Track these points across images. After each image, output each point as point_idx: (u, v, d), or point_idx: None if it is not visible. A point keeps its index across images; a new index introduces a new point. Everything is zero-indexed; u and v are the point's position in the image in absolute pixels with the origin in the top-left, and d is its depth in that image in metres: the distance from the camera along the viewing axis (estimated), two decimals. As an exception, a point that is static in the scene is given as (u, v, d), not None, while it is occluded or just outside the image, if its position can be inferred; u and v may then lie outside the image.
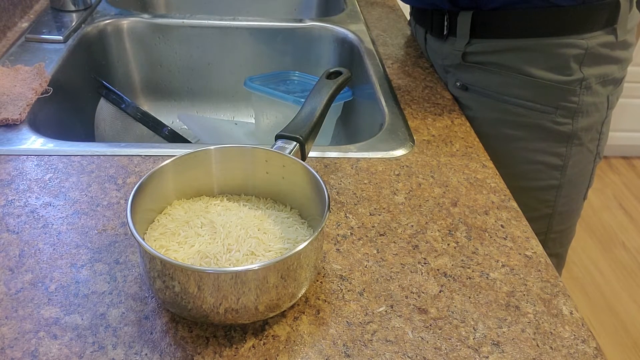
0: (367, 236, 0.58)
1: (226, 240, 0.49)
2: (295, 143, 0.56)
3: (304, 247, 0.43)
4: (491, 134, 0.81)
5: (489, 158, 0.72)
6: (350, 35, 1.05)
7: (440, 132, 0.76)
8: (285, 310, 0.48)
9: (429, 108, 0.82)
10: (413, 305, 0.50)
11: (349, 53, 1.05)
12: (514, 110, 0.83)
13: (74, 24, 0.97)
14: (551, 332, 0.49)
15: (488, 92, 0.84)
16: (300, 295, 0.48)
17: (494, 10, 0.80)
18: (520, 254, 0.57)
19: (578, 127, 0.83)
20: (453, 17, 0.84)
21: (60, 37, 0.92)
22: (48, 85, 0.78)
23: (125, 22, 1.04)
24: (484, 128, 0.81)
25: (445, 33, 0.87)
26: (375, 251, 0.56)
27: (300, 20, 1.09)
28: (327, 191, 0.49)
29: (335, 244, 0.56)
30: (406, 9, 1.19)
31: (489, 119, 0.83)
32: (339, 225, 0.59)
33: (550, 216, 0.89)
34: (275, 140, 0.57)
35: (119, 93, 0.86)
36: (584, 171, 0.89)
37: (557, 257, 0.96)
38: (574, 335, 0.49)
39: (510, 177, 0.71)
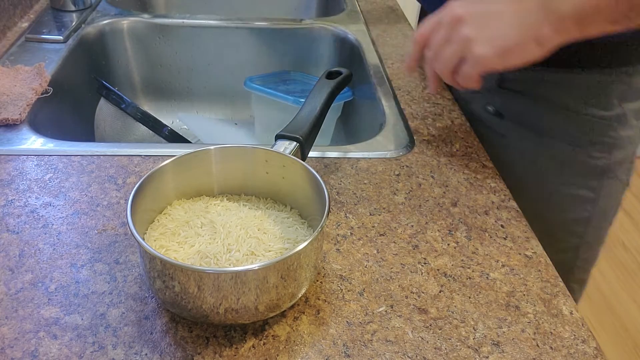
0: (367, 236, 0.58)
1: (226, 240, 0.49)
2: (295, 143, 0.56)
3: (304, 247, 0.43)
4: (523, 164, 0.78)
5: (488, 158, 0.72)
6: (350, 35, 1.05)
7: (440, 132, 0.76)
8: (285, 310, 0.48)
9: (429, 108, 0.82)
10: (413, 305, 0.50)
11: (349, 53, 1.04)
12: (549, 142, 0.78)
13: (74, 24, 0.97)
14: (551, 332, 0.49)
15: (524, 122, 0.79)
16: (300, 295, 0.48)
17: None
18: (520, 254, 0.57)
19: (613, 160, 0.79)
20: None
21: (60, 37, 0.92)
22: (48, 85, 0.78)
23: (125, 22, 1.04)
24: (516, 156, 0.78)
25: None
26: (375, 251, 0.56)
27: (300, 20, 1.09)
28: (327, 191, 0.49)
29: (335, 244, 0.56)
30: (406, 9, 1.19)
31: (521, 149, 0.79)
32: (339, 225, 0.59)
33: (578, 247, 0.86)
34: (275, 140, 0.57)
35: (119, 93, 0.86)
36: (615, 202, 0.86)
37: (580, 282, 0.93)
38: (574, 335, 0.49)
39: (539, 208, 0.67)
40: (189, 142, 0.93)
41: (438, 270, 0.54)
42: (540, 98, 0.77)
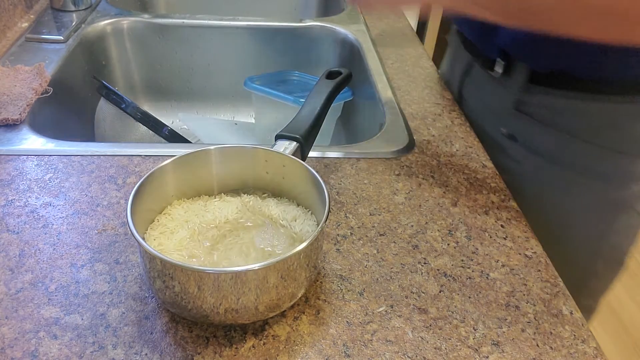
0: (367, 236, 0.58)
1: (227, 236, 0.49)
2: (295, 143, 0.56)
3: (304, 247, 0.44)
4: (533, 193, 0.75)
5: (488, 158, 0.72)
6: (350, 35, 1.05)
7: (440, 132, 0.76)
8: (285, 310, 0.48)
9: (429, 108, 0.82)
10: (413, 305, 0.50)
11: (349, 53, 1.05)
12: (562, 171, 0.74)
13: (74, 24, 0.97)
14: (551, 332, 0.49)
15: (538, 149, 0.75)
16: (300, 295, 0.48)
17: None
18: (520, 254, 0.57)
19: (629, 193, 0.75)
20: (510, 61, 0.73)
21: (60, 37, 0.92)
22: (48, 85, 0.78)
23: (125, 22, 1.04)
24: (527, 184, 0.75)
25: (500, 71, 0.74)
26: (375, 251, 0.56)
27: (300, 20, 1.09)
28: (327, 191, 0.49)
29: (335, 244, 0.56)
30: (406, 9, 1.18)
31: (533, 177, 0.75)
32: (339, 225, 0.59)
33: (584, 278, 0.83)
34: (275, 140, 0.57)
35: (119, 93, 0.86)
36: (630, 234, 0.81)
37: (587, 309, 0.90)
38: (574, 335, 0.49)
39: (546, 240, 0.63)
40: (189, 142, 0.94)
41: (438, 270, 0.54)
42: (558, 125, 0.72)
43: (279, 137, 0.57)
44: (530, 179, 0.75)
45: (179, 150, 0.65)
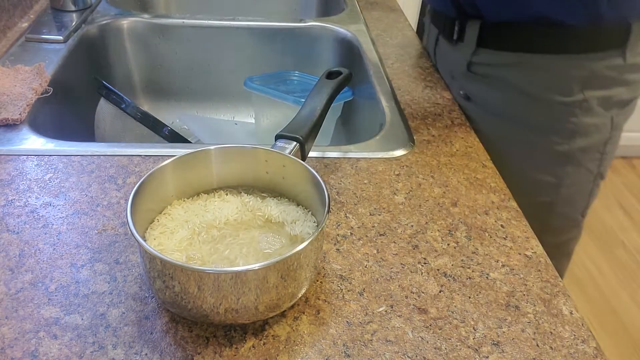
0: (367, 236, 0.58)
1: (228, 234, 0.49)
2: (295, 143, 0.56)
3: (304, 247, 0.44)
4: (487, 148, 0.80)
5: (489, 158, 0.72)
6: (350, 35, 1.04)
7: (440, 132, 0.76)
8: (285, 310, 0.48)
9: (429, 108, 0.82)
10: (413, 305, 0.50)
11: (349, 53, 1.04)
12: (511, 127, 0.83)
13: (74, 24, 0.97)
14: (551, 332, 0.49)
15: (488, 107, 0.84)
16: (300, 295, 0.48)
17: (502, 23, 0.80)
18: (520, 254, 0.57)
19: (575, 147, 0.82)
20: (463, 24, 0.84)
21: (60, 37, 0.92)
22: (48, 85, 0.78)
23: (125, 22, 1.04)
24: (482, 141, 0.80)
25: (454, 38, 0.86)
26: (375, 251, 0.56)
27: (300, 20, 1.09)
28: (327, 191, 0.49)
29: (335, 244, 0.56)
30: (406, 9, 1.19)
31: (486, 133, 0.81)
32: (339, 225, 0.59)
33: (541, 232, 0.87)
34: (275, 140, 0.57)
35: (119, 93, 0.86)
36: (582, 190, 0.88)
37: None
38: (574, 335, 0.49)
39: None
40: (189, 142, 0.93)
41: (438, 270, 0.54)
42: (503, 83, 0.81)
43: (279, 137, 0.57)
44: (485, 137, 0.80)
45: (179, 150, 0.65)
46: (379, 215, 0.60)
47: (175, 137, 0.86)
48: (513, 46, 0.80)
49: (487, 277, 0.54)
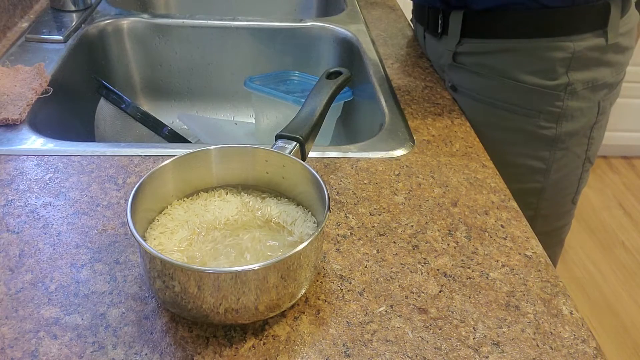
0: (367, 236, 0.58)
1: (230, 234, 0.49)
2: (295, 143, 0.56)
3: (304, 247, 0.44)
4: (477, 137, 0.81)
5: (488, 158, 0.72)
6: (350, 35, 1.05)
7: (440, 132, 0.76)
8: (285, 310, 0.48)
9: (429, 108, 0.82)
10: (413, 305, 0.50)
11: (349, 53, 1.04)
12: (498, 113, 0.84)
13: (74, 24, 0.97)
14: (551, 332, 0.49)
15: (474, 95, 0.85)
16: (300, 295, 0.48)
17: (484, 11, 0.81)
18: (520, 254, 0.57)
19: (562, 131, 0.83)
20: (447, 16, 0.86)
21: (60, 37, 0.92)
22: (48, 85, 0.78)
23: (125, 22, 1.04)
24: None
25: (439, 31, 0.88)
26: (375, 251, 0.56)
27: (300, 20, 1.09)
28: (327, 191, 0.49)
29: (335, 244, 0.56)
30: (406, 9, 1.19)
31: (474, 121, 0.82)
32: (339, 225, 0.59)
33: (532, 218, 0.88)
34: (275, 140, 0.57)
35: (119, 93, 0.86)
36: (571, 175, 0.89)
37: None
38: (574, 335, 0.49)
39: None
40: (189, 142, 0.93)
41: (438, 270, 0.54)
42: (489, 70, 0.83)
43: (279, 137, 0.57)
44: (473, 125, 0.81)
45: (179, 150, 0.65)
46: (379, 215, 0.60)
47: (175, 137, 0.86)
48: (496, 33, 0.81)
49: (487, 277, 0.54)
